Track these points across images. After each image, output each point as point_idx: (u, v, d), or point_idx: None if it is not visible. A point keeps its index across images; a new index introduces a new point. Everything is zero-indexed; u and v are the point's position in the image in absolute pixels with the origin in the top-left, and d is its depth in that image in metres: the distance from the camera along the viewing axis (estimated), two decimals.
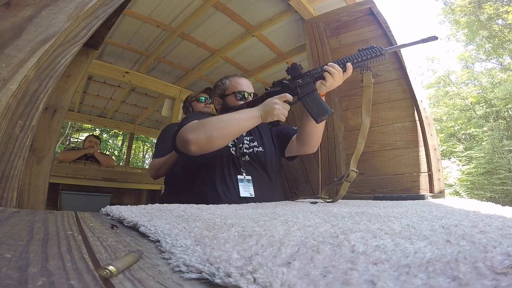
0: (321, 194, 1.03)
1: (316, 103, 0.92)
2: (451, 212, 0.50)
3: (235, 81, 1.17)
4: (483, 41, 11.63)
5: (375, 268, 0.19)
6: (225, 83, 1.18)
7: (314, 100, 0.92)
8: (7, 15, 0.67)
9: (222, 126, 0.88)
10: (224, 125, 0.88)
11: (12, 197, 0.66)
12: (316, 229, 0.35)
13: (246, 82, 1.18)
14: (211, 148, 0.90)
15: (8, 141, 0.67)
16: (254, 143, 1.15)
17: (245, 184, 1.03)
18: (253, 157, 1.10)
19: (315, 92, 0.93)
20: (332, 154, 1.73)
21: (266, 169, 1.11)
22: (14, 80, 0.63)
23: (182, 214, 0.49)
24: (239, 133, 0.93)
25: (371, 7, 1.83)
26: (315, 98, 0.92)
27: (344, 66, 0.93)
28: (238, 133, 0.92)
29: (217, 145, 0.90)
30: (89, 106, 4.15)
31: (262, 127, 1.22)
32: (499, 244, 0.23)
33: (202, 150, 0.89)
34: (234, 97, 1.13)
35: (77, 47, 0.82)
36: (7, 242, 0.27)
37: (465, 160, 10.24)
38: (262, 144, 1.16)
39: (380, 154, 1.60)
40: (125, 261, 0.22)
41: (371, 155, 1.65)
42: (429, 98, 12.75)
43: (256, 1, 2.14)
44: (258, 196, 1.03)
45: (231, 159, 1.07)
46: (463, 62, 12.58)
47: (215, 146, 0.90)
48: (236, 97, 1.13)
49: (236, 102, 1.12)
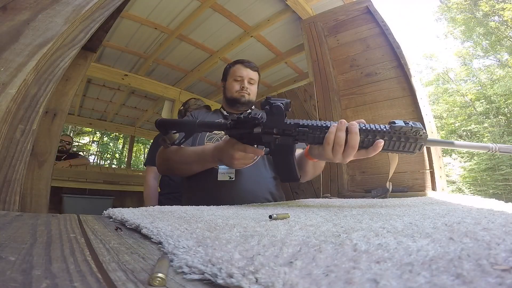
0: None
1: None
2: (454, 210, 0.50)
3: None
4: (480, 38, 11.63)
5: (378, 267, 0.19)
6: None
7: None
8: (4, 19, 0.67)
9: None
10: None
11: (15, 201, 0.66)
12: (318, 228, 0.34)
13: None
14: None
15: (9, 146, 0.67)
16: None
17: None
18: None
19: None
20: None
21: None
22: (13, 84, 0.63)
23: (183, 215, 0.49)
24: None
25: (368, 5, 1.84)
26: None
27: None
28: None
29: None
30: (89, 109, 4.16)
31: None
32: (503, 241, 0.23)
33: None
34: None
35: (75, 50, 0.82)
36: (10, 245, 0.27)
37: (467, 157, 10.23)
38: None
39: (381, 152, 1.60)
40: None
41: None
42: (428, 95, 12.75)
43: (254, 1, 2.14)
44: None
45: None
46: (461, 59, 12.58)
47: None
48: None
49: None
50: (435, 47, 27.20)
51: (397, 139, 0.58)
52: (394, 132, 0.58)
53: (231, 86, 1.14)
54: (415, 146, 0.58)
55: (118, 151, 11.41)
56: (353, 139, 0.58)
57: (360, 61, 1.80)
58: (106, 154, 11.61)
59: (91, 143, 11.69)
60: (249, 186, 0.96)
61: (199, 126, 0.78)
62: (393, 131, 0.58)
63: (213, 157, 0.81)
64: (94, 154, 11.29)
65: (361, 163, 1.65)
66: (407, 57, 1.62)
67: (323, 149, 0.61)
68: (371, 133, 0.59)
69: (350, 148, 0.58)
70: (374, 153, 0.59)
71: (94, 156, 11.18)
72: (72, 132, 9.76)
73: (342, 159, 0.61)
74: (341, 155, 0.60)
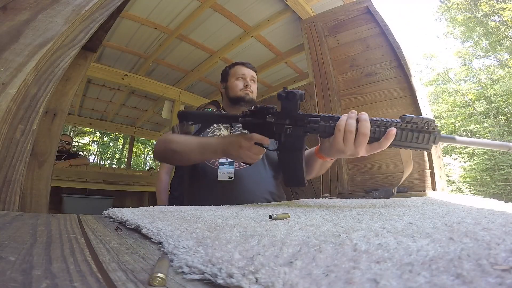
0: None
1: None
2: (454, 210, 0.50)
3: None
4: (480, 38, 11.63)
5: (378, 267, 0.19)
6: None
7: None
8: (4, 19, 0.67)
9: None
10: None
11: (15, 201, 0.66)
12: (318, 228, 0.34)
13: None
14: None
15: (9, 146, 0.67)
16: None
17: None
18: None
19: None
20: None
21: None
22: (13, 84, 0.63)
23: (183, 215, 0.49)
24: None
25: (368, 5, 1.84)
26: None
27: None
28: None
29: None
30: (89, 110, 4.17)
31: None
32: (503, 241, 0.23)
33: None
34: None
35: (75, 51, 0.82)
36: (10, 245, 0.27)
37: (467, 157, 10.23)
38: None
39: (381, 152, 1.59)
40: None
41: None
42: (428, 95, 12.75)
43: (254, 1, 2.14)
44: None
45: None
46: (461, 59, 12.58)
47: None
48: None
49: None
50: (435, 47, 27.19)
51: (409, 130, 0.57)
52: (406, 123, 0.57)
53: (234, 85, 1.15)
54: (428, 138, 0.56)
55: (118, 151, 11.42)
56: (363, 126, 0.57)
57: (360, 61, 1.80)
58: (106, 154, 11.62)
59: (91, 143, 11.71)
60: (248, 186, 0.97)
61: (217, 118, 0.81)
62: (404, 122, 0.57)
63: (218, 145, 0.77)
64: (94, 154, 11.31)
65: (361, 163, 1.65)
66: (407, 57, 1.62)
67: (334, 139, 0.60)
68: (382, 124, 0.58)
69: (361, 135, 0.57)
70: (388, 143, 0.57)
71: (94, 156, 11.20)
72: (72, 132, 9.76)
73: (354, 150, 0.59)
74: (352, 144, 0.58)
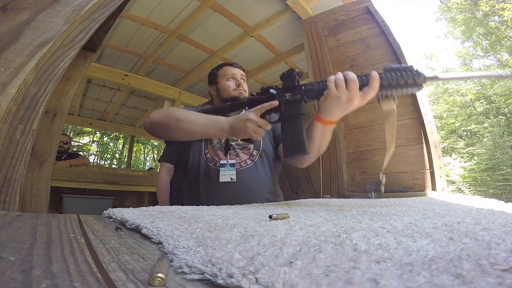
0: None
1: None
2: (454, 210, 0.50)
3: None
4: (480, 38, 11.63)
5: (378, 267, 0.19)
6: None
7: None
8: (4, 19, 0.67)
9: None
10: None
11: (15, 201, 0.66)
12: (318, 228, 0.34)
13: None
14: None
15: (9, 146, 0.67)
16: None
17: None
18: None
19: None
20: (333, 153, 1.73)
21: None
22: (13, 84, 0.63)
23: (183, 215, 0.49)
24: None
25: (368, 5, 1.84)
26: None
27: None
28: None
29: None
30: (89, 110, 4.16)
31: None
32: (503, 241, 0.23)
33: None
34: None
35: (75, 51, 0.82)
36: (11, 245, 0.27)
37: (467, 157, 10.23)
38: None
39: (381, 152, 1.60)
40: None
41: (372, 153, 1.65)
42: (428, 95, 12.75)
43: (254, 1, 2.14)
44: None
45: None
46: (461, 59, 12.58)
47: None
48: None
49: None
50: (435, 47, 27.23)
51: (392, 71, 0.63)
52: (388, 70, 0.64)
53: (226, 86, 1.12)
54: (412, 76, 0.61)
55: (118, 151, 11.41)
56: (349, 74, 0.65)
57: (360, 61, 1.80)
58: (106, 154, 11.62)
59: (91, 143, 11.70)
60: (250, 187, 0.98)
61: (229, 107, 0.84)
62: (385, 70, 0.64)
63: (226, 121, 0.78)
64: (94, 154, 11.31)
65: (361, 163, 1.65)
66: (407, 57, 1.62)
67: (327, 90, 0.67)
68: (365, 76, 0.66)
69: (351, 80, 0.64)
70: (377, 84, 0.63)
71: (94, 156, 11.19)
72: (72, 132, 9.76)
73: (349, 96, 0.65)
74: (345, 89, 0.65)
